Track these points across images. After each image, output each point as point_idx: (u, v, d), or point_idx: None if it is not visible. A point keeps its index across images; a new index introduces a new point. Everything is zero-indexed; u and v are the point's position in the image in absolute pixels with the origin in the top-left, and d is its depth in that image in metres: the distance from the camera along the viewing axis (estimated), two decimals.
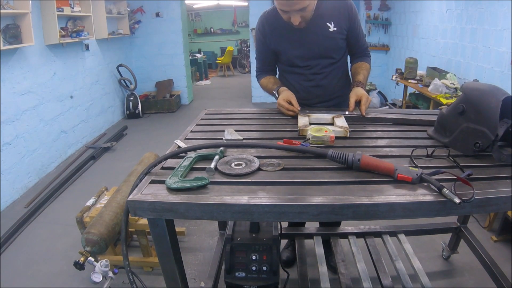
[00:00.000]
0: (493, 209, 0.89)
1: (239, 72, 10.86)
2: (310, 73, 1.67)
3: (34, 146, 3.50)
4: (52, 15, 3.61)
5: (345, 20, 1.59)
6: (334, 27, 1.57)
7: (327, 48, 1.62)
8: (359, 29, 1.67)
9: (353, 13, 1.61)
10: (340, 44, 1.64)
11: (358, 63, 1.72)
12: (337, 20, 1.57)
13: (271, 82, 1.72)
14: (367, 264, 1.78)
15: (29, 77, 3.43)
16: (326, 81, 1.69)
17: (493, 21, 3.32)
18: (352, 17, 1.61)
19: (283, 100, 1.56)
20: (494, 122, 1.01)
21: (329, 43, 1.61)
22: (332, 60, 1.66)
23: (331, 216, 0.86)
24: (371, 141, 1.26)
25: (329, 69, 1.67)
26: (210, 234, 2.54)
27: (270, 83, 1.73)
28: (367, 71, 1.70)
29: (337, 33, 1.59)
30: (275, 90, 1.65)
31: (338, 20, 1.57)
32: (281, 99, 1.57)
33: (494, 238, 2.34)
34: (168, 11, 6.05)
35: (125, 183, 2.19)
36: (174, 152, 1.10)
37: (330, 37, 1.59)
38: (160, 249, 1.00)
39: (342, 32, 1.61)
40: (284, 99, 1.56)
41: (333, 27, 1.57)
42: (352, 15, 1.60)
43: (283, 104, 1.55)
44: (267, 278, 1.40)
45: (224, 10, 12.02)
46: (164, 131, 5.04)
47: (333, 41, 1.61)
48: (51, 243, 2.50)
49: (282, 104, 1.55)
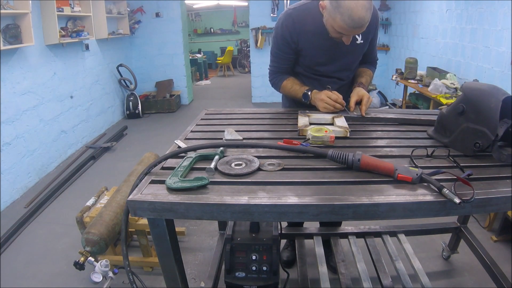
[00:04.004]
0: (493, 209, 0.89)
1: (239, 72, 10.85)
2: (329, 82, 1.60)
3: (34, 146, 3.50)
4: (52, 15, 3.61)
5: (371, 32, 1.54)
6: (361, 39, 1.52)
7: (350, 60, 1.60)
8: (376, 40, 1.64)
9: (377, 25, 1.58)
10: (360, 56, 1.62)
11: (363, 68, 1.70)
12: (365, 33, 1.45)
13: (297, 84, 1.62)
14: (367, 264, 1.78)
15: (29, 77, 3.43)
16: (342, 89, 1.64)
17: (493, 21, 3.32)
18: (377, 29, 1.58)
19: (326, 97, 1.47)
20: (494, 122, 1.01)
21: (354, 55, 1.58)
22: (350, 73, 1.65)
23: (331, 216, 0.86)
24: (371, 141, 1.26)
25: (345, 81, 1.66)
26: (210, 234, 2.54)
27: (296, 84, 1.62)
28: (370, 78, 1.68)
29: (362, 46, 1.56)
30: (308, 91, 1.55)
31: (365, 33, 1.46)
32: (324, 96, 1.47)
33: (494, 238, 2.34)
34: (168, 11, 6.05)
35: (125, 183, 2.19)
36: (174, 152, 1.10)
37: (356, 50, 1.56)
38: (160, 249, 1.00)
39: (365, 45, 1.57)
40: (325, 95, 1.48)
41: (361, 39, 1.52)
42: (377, 28, 1.57)
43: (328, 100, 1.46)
44: (267, 278, 1.40)
45: (224, 10, 12.02)
46: (164, 131, 5.04)
47: (357, 54, 1.59)
48: (51, 243, 2.50)
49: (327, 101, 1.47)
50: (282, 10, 5.97)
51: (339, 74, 1.63)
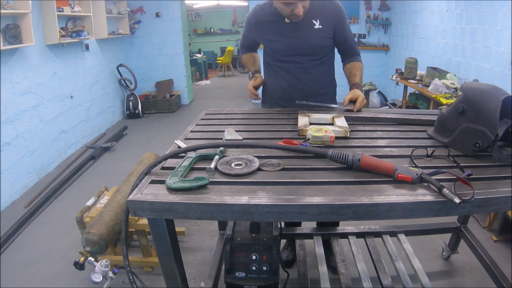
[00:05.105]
0: (493, 209, 0.89)
1: (239, 72, 10.84)
2: (292, 68, 1.73)
3: (34, 146, 3.50)
4: (52, 15, 3.61)
5: (332, 19, 1.64)
6: (320, 25, 1.62)
7: (309, 44, 1.66)
8: (347, 29, 1.72)
9: (341, 14, 1.66)
10: (324, 42, 1.68)
11: (350, 63, 1.77)
12: (323, 19, 1.62)
13: (250, 63, 1.94)
14: (367, 264, 1.78)
15: (29, 77, 3.43)
16: (308, 76, 1.73)
17: (493, 21, 3.32)
18: (340, 17, 1.66)
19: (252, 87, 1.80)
20: (494, 122, 1.01)
21: (313, 40, 1.65)
22: (314, 57, 1.71)
23: (331, 216, 0.86)
24: (371, 141, 1.26)
25: (311, 65, 1.72)
26: (210, 234, 2.54)
27: (249, 62, 1.95)
28: (361, 70, 1.75)
29: (322, 31, 1.64)
30: (251, 73, 1.88)
31: (325, 19, 1.63)
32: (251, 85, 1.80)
33: (494, 238, 2.34)
34: (168, 11, 6.05)
35: (125, 183, 2.19)
36: (174, 152, 1.10)
37: (314, 35, 1.63)
38: (160, 249, 1.00)
39: (327, 31, 1.65)
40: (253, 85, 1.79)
41: (318, 24, 1.62)
42: (340, 16, 1.66)
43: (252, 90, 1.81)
44: (267, 278, 1.40)
45: (224, 10, 12.01)
46: (164, 131, 5.03)
47: (317, 39, 1.65)
48: (51, 243, 2.50)
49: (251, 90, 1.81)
50: None
51: (299, 58, 1.70)
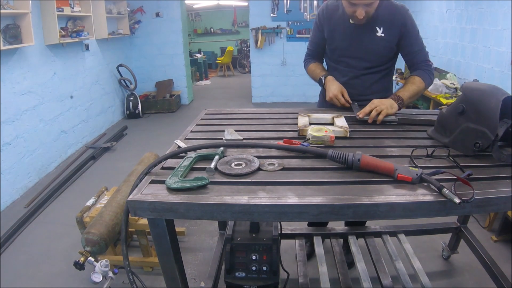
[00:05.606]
0: (493, 209, 0.89)
1: (239, 72, 10.85)
2: (345, 70, 1.72)
3: (34, 146, 3.50)
4: (52, 15, 3.61)
5: (397, 28, 1.56)
6: (382, 33, 1.57)
7: (367, 50, 1.62)
8: (414, 40, 1.60)
9: (408, 23, 1.56)
10: (383, 51, 1.63)
11: (411, 76, 1.63)
12: (388, 27, 1.56)
13: (319, 68, 1.82)
14: (367, 264, 1.78)
15: (29, 77, 3.43)
16: (359, 81, 1.70)
17: (493, 21, 3.32)
18: (407, 26, 1.56)
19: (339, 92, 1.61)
20: (494, 122, 1.01)
21: (371, 46, 1.61)
22: (369, 64, 1.66)
23: (331, 216, 0.86)
24: (371, 141, 1.26)
25: (364, 71, 1.68)
26: (210, 234, 2.54)
27: (318, 68, 1.82)
28: (417, 87, 1.57)
29: (383, 40, 1.58)
30: (323, 76, 1.72)
31: (389, 27, 1.56)
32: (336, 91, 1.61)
33: (494, 238, 2.34)
34: (168, 11, 6.05)
35: (125, 183, 2.19)
36: (174, 152, 1.10)
37: (374, 41, 1.59)
38: (160, 249, 1.00)
39: (390, 40, 1.58)
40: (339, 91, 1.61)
41: (381, 32, 1.57)
42: (407, 25, 1.56)
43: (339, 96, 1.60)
44: (267, 278, 1.40)
45: (224, 10, 12.01)
46: (164, 131, 5.04)
47: (376, 46, 1.60)
48: (51, 243, 2.50)
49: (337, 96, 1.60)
50: (282, 10, 6.01)
51: (354, 62, 1.68)
